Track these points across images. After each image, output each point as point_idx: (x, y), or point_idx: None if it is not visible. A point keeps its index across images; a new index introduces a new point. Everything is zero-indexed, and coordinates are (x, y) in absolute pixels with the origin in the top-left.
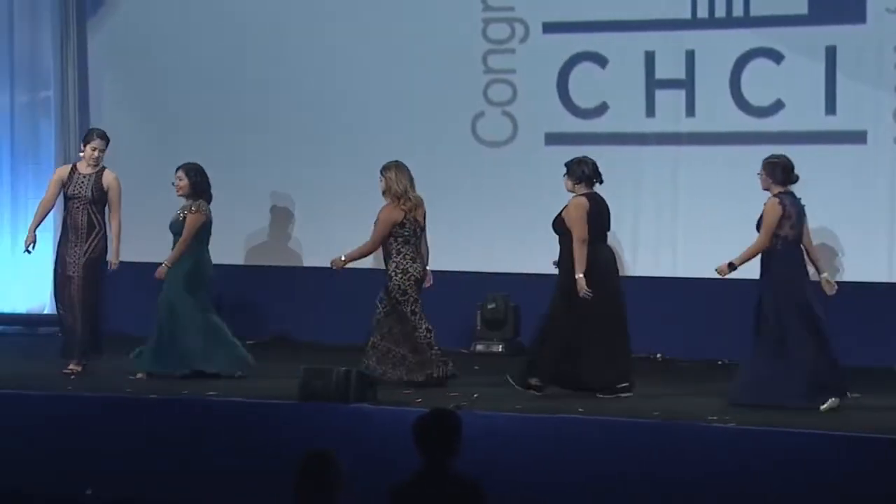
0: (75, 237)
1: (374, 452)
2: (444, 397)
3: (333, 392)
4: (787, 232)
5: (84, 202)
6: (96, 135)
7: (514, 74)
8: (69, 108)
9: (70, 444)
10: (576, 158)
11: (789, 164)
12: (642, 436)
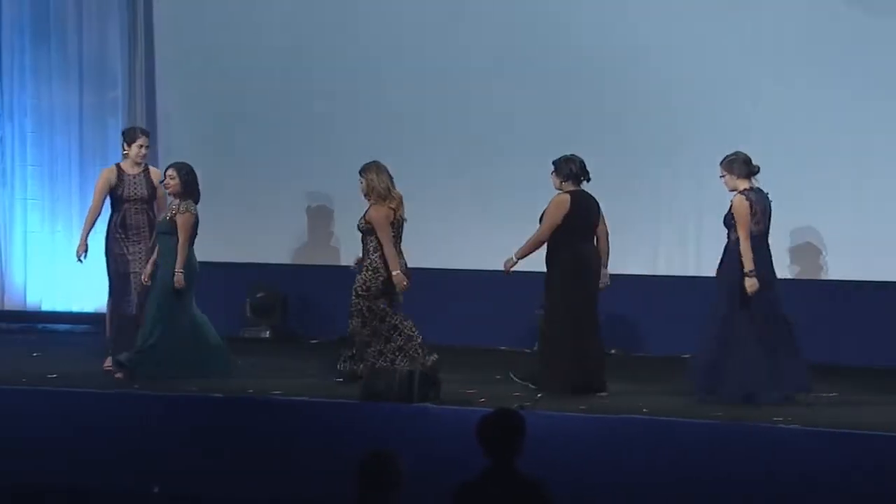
0: (136, 236)
1: (437, 452)
2: (507, 397)
3: (396, 392)
4: (753, 227)
5: (142, 203)
6: (141, 132)
7: None
8: (136, 108)
9: (136, 443)
10: (563, 156)
11: (747, 158)
12: (705, 436)
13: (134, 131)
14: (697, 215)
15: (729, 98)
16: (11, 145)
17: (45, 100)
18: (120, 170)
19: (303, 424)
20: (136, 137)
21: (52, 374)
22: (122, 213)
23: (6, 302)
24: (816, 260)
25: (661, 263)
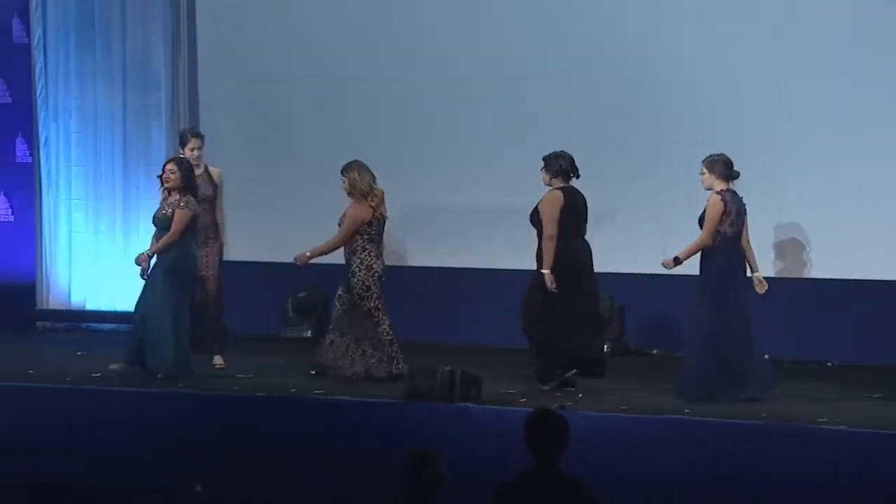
0: (204, 237)
1: (478, 452)
2: (548, 397)
3: (438, 391)
4: (727, 229)
5: (209, 202)
6: (190, 134)
7: None
8: (179, 110)
9: (179, 442)
10: (554, 152)
11: (729, 161)
12: (750, 437)
13: (185, 134)
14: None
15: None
16: (56, 146)
17: (89, 101)
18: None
19: (344, 424)
20: (187, 140)
21: (95, 373)
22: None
23: (51, 301)
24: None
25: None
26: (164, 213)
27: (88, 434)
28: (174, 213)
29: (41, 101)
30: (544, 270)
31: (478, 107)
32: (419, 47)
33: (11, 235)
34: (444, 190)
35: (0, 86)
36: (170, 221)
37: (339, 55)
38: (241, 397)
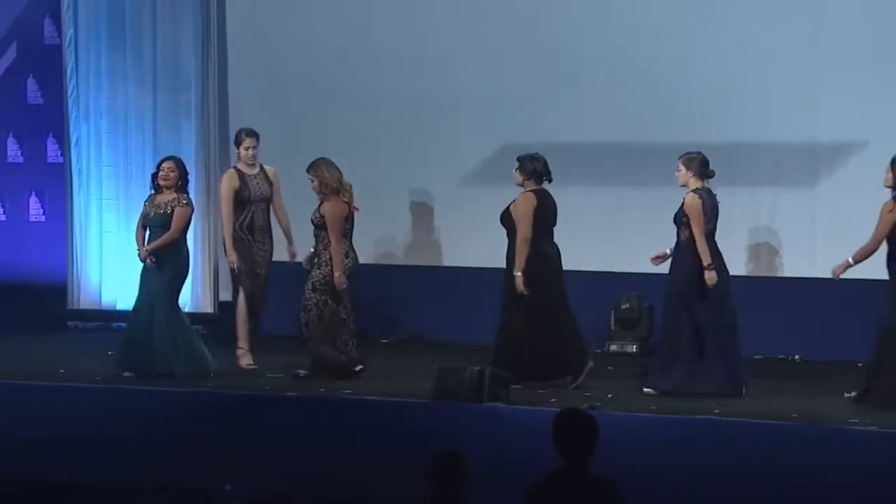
0: (261, 236)
1: (507, 452)
2: (577, 397)
3: (467, 391)
4: (704, 226)
5: (266, 202)
6: (245, 134)
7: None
8: (209, 110)
9: (209, 441)
10: (528, 154)
11: (706, 159)
12: (780, 438)
13: (239, 134)
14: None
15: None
16: (87, 146)
17: (120, 102)
18: (239, 172)
19: (373, 424)
20: (241, 140)
21: (125, 372)
22: (248, 214)
23: (81, 301)
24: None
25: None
26: (162, 211)
27: (118, 434)
28: (173, 211)
29: (72, 101)
30: (517, 273)
31: (511, 107)
32: (448, 47)
33: (43, 235)
34: (474, 190)
35: (32, 86)
36: (168, 219)
37: (368, 55)
38: (270, 397)
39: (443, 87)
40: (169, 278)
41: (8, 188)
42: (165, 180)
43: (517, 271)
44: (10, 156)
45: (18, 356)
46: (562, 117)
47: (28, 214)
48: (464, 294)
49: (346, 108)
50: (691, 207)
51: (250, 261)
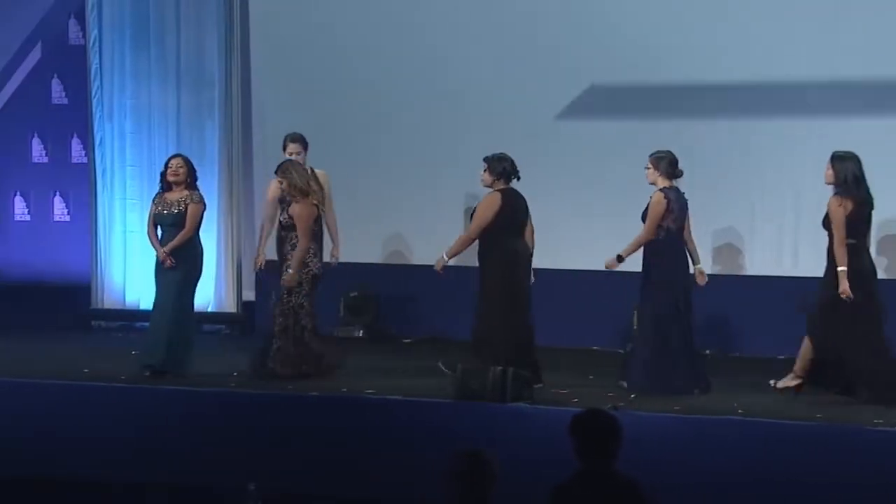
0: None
1: (530, 452)
2: (600, 398)
3: (490, 391)
4: (671, 224)
5: (322, 206)
6: (289, 139)
7: None
8: (233, 109)
9: (232, 440)
10: (496, 155)
11: (675, 159)
12: (805, 438)
13: (284, 139)
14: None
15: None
16: (111, 146)
17: (143, 101)
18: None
19: (395, 424)
20: (285, 145)
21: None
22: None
23: (105, 300)
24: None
25: (755, 263)
26: (176, 210)
27: (141, 434)
28: (187, 208)
29: (96, 101)
30: (445, 255)
31: (530, 107)
32: (474, 44)
33: (67, 235)
34: None
35: (56, 87)
36: (181, 217)
37: (390, 55)
38: (294, 396)
39: (467, 86)
40: (182, 276)
41: (33, 188)
42: (175, 176)
43: (447, 254)
44: (34, 156)
45: (43, 355)
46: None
47: (52, 214)
48: None
49: (368, 106)
50: (654, 206)
51: (318, 263)
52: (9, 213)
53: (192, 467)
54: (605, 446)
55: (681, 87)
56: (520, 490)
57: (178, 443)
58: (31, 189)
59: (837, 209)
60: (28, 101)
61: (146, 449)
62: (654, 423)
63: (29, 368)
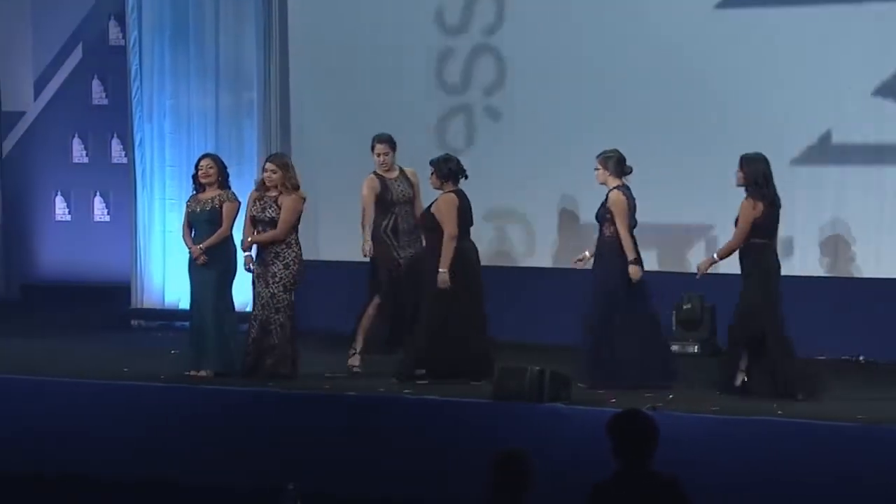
0: (407, 240)
1: (568, 452)
2: (637, 398)
3: (527, 391)
4: (629, 222)
5: (409, 203)
6: (376, 140)
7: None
8: (271, 109)
9: (271, 441)
10: (441, 157)
11: (622, 158)
12: (844, 440)
13: (372, 141)
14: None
15: None
16: (151, 146)
17: (182, 102)
18: (379, 176)
19: (433, 424)
20: (373, 146)
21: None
22: (392, 217)
23: (145, 300)
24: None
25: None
26: (209, 207)
27: (180, 432)
28: (222, 206)
29: (136, 102)
30: (441, 270)
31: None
32: (512, 46)
33: (107, 235)
34: (533, 191)
35: (97, 87)
36: (215, 214)
37: (430, 55)
38: (332, 396)
39: (506, 87)
40: (217, 276)
41: (73, 188)
42: (206, 177)
43: (442, 268)
44: (75, 156)
45: (83, 355)
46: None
47: (93, 214)
48: (525, 293)
49: (406, 105)
50: (616, 204)
51: (394, 266)
52: (50, 213)
53: (231, 466)
54: (642, 446)
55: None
56: (557, 490)
57: (216, 442)
58: (71, 189)
59: (750, 212)
60: (69, 102)
61: (185, 448)
62: (693, 423)
63: (69, 368)
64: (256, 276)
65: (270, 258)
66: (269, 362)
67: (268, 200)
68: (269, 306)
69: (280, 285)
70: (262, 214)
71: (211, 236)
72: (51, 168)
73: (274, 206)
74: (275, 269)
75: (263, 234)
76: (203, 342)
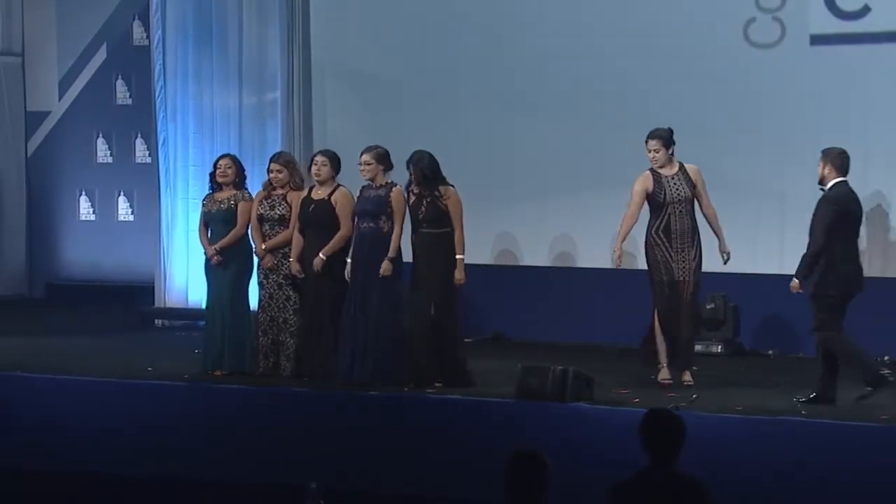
0: (681, 242)
1: (590, 452)
2: (661, 398)
3: (550, 391)
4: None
5: (686, 203)
6: (649, 137)
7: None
8: (294, 109)
9: (292, 439)
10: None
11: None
12: (870, 440)
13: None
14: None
15: None
16: (174, 146)
17: (206, 102)
18: (655, 173)
19: (455, 423)
20: (647, 141)
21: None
22: (664, 217)
23: (168, 300)
24: None
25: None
26: (225, 206)
27: (203, 431)
28: (237, 206)
29: (160, 102)
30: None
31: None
32: (533, 45)
33: (131, 235)
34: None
35: (121, 87)
36: (231, 214)
37: (453, 53)
38: (353, 395)
39: (530, 86)
40: (233, 276)
41: (97, 188)
42: (223, 177)
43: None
44: (99, 156)
45: (107, 354)
46: None
47: (117, 214)
48: (548, 293)
49: (430, 105)
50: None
51: (666, 269)
52: (74, 212)
53: (253, 465)
54: (670, 445)
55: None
56: (579, 489)
57: (241, 441)
58: (95, 189)
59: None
60: (93, 102)
61: (208, 447)
62: (717, 423)
63: (93, 367)
64: (265, 276)
65: (279, 258)
66: (287, 364)
67: (276, 198)
68: (286, 308)
69: (293, 286)
70: (270, 212)
71: (226, 236)
72: (75, 168)
73: (283, 202)
74: (286, 270)
75: (276, 238)
76: (220, 342)
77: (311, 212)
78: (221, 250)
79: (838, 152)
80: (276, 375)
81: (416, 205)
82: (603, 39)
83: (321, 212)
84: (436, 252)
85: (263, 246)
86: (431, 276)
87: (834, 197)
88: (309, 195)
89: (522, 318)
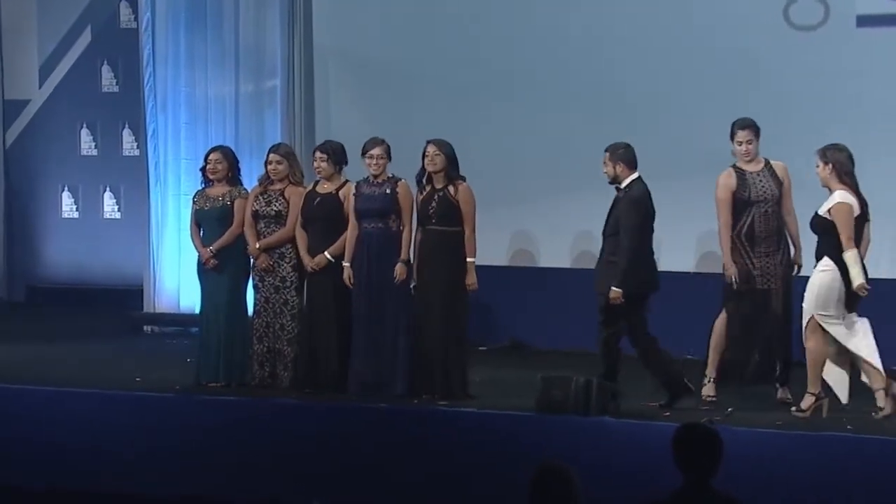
0: (765, 247)
1: (616, 468)
2: (693, 411)
3: (573, 403)
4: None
5: (772, 204)
6: (737, 126)
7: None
8: (295, 98)
9: (301, 454)
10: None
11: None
12: None
13: (732, 128)
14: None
15: None
16: (165, 138)
17: (199, 90)
18: (738, 170)
19: (474, 437)
20: (733, 134)
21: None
22: (747, 219)
23: (158, 304)
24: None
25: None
26: (220, 204)
27: (197, 447)
28: (233, 203)
29: (149, 89)
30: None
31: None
32: (542, 35)
33: (118, 233)
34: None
35: (106, 73)
36: (225, 211)
37: (457, 40)
38: (367, 408)
39: (550, 71)
40: (230, 280)
41: (81, 183)
42: (213, 173)
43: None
44: (83, 148)
45: (93, 362)
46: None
47: (102, 211)
48: (567, 299)
49: (441, 94)
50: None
51: (743, 274)
52: (56, 209)
53: (251, 483)
54: (706, 460)
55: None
56: None
57: (236, 457)
58: (79, 184)
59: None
60: (76, 90)
61: (201, 464)
62: (753, 438)
63: (76, 376)
64: (260, 279)
65: (275, 259)
66: (285, 374)
67: (273, 194)
68: (284, 313)
69: (292, 289)
70: (266, 209)
71: (221, 236)
72: (57, 161)
73: (281, 199)
74: (283, 273)
75: (272, 237)
76: (215, 352)
77: (317, 206)
78: (217, 252)
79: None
80: (273, 386)
81: (426, 199)
82: (633, 25)
83: (328, 206)
84: (442, 253)
85: (258, 245)
86: (437, 282)
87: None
88: (314, 189)
89: (541, 324)
